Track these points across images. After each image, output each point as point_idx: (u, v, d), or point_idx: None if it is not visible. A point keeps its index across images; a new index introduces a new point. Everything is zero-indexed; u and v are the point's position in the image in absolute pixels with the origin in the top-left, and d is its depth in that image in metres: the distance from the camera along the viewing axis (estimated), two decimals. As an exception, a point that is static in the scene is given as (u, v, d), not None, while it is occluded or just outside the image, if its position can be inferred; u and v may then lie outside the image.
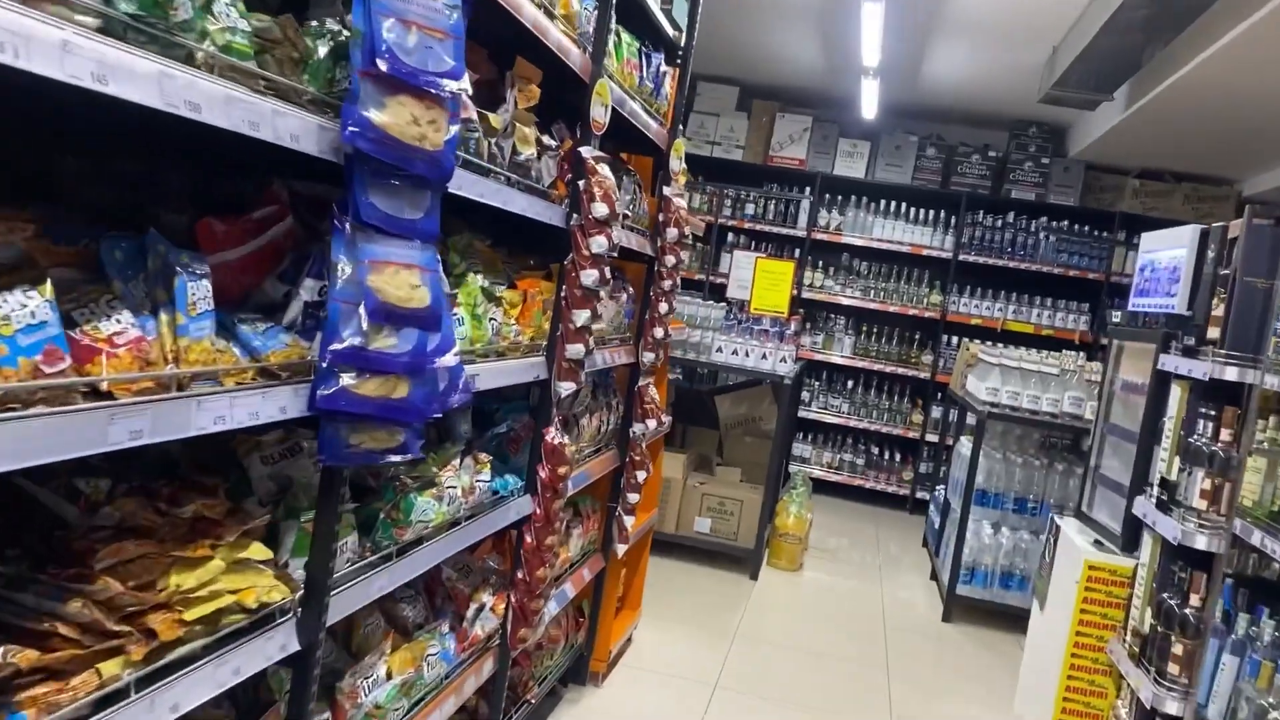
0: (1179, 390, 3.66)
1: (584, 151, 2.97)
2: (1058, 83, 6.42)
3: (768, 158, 9.20)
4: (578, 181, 2.96)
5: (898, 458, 9.07)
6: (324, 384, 1.72)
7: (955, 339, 8.68)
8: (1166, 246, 4.15)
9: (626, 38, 3.42)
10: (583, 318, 2.98)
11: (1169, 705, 3.26)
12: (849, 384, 9.20)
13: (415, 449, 1.94)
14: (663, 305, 4.09)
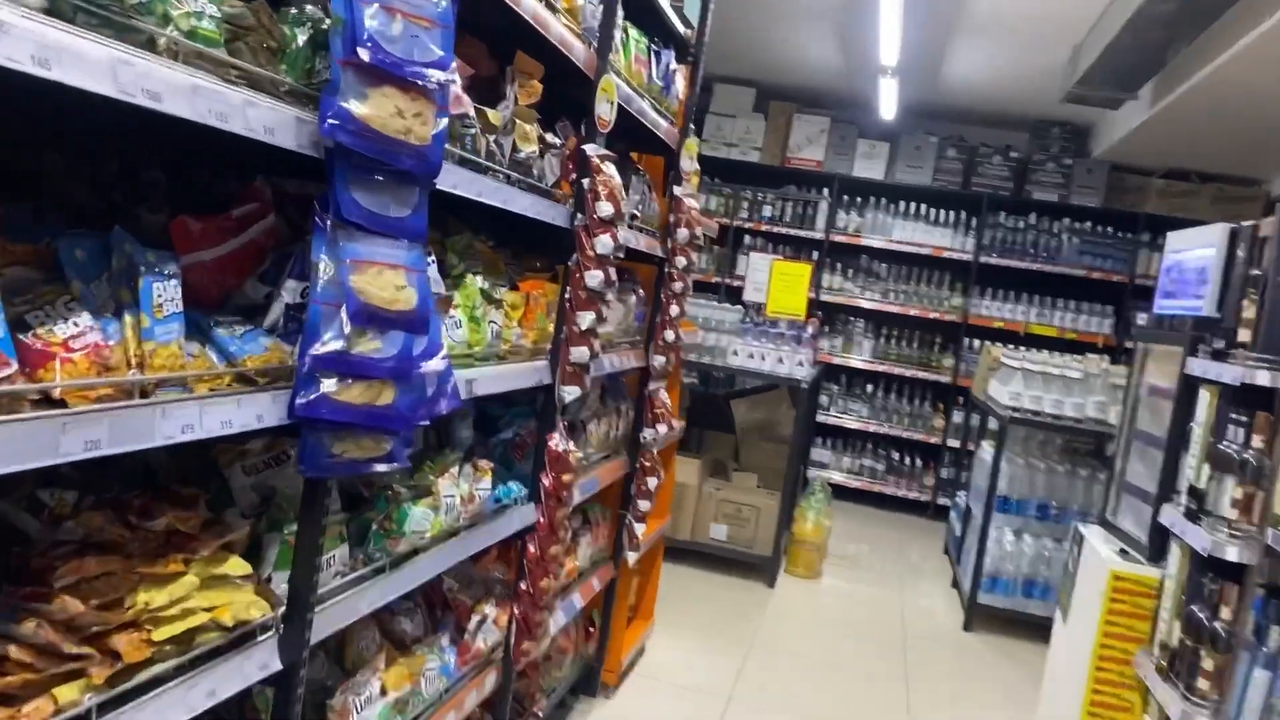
0: (1208, 395, 3.54)
1: (589, 149, 2.88)
2: (1080, 81, 6.30)
3: (785, 159, 9.09)
4: (582, 180, 2.87)
5: (919, 463, 8.93)
6: (303, 390, 1.63)
7: (977, 342, 8.53)
8: (1194, 246, 4.02)
9: (635, 34, 3.34)
10: (587, 320, 2.89)
11: (1199, 722, 3.14)
12: (869, 388, 9.08)
13: (403, 458, 1.85)
14: (674, 308, 3.99)
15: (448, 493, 2.41)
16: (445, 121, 1.78)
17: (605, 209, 2.86)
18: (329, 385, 1.65)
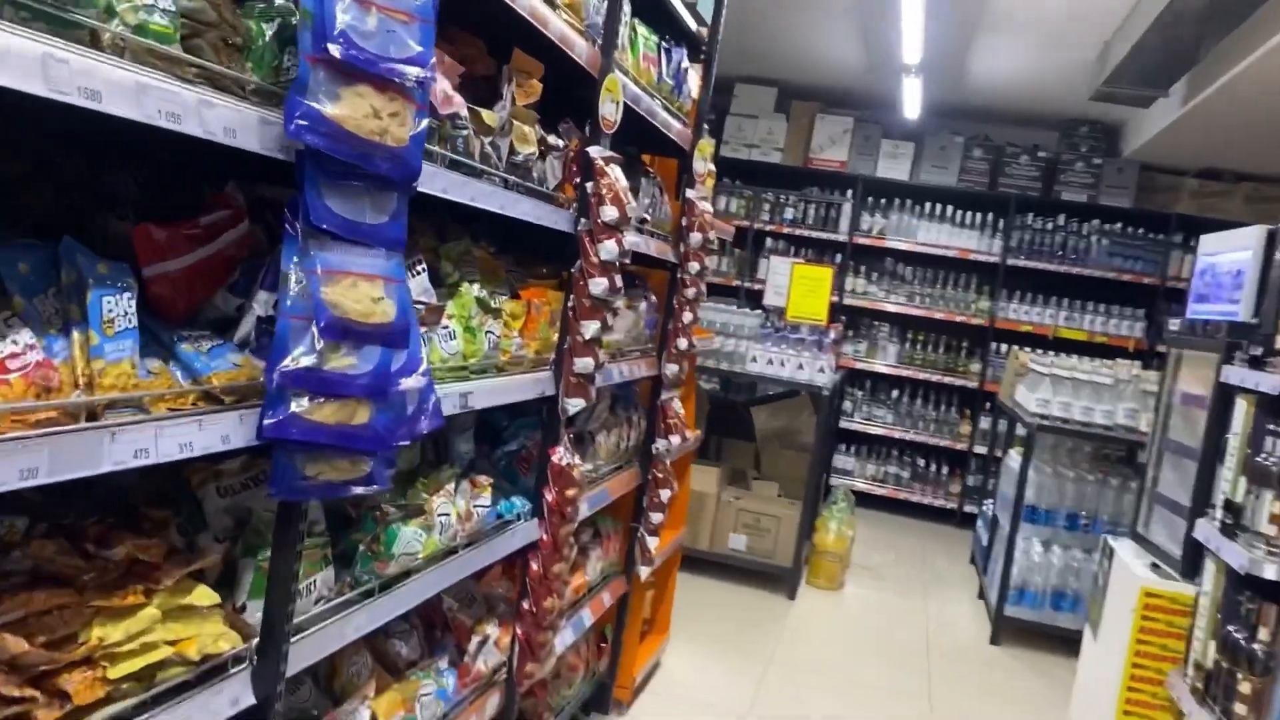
0: (1244, 404, 3.38)
1: (592, 151, 2.76)
2: (1109, 79, 6.13)
3: (807, 160, 8.94)
4: (585, 183, 2.75)
5: (945, 470, 8.75)
6: (272, 409, 1.53)
7: (1004, 347, 8.34)
8: (1229, 249, 3.86)
9: (644, 31, 3.22)
10: (592, 329, 2.78)
11: (1236, 749, 2.99)
12: (894, 393, 8.91)
13: (384, 480, 1.74)
14: (687, 314, 3.87)
15: (442, 511, 2.30)
16: (425, 122, 1.67)
17: (610, 213, 2.75)
18: (299, 404, 1.54)
